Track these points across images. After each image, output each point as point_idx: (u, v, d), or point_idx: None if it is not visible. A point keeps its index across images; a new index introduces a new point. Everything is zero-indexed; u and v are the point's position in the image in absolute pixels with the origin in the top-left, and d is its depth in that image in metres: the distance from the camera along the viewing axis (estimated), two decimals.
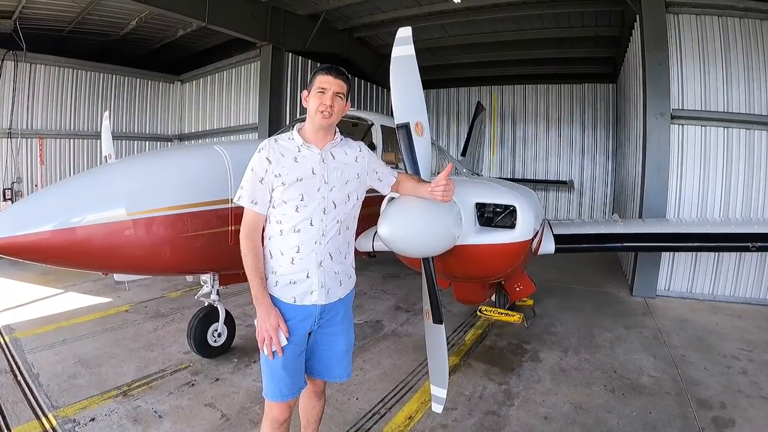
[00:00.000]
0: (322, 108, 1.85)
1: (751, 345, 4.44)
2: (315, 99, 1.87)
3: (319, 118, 1.86)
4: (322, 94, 1.86)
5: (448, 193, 2.05)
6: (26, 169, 8.90)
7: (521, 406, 3.21)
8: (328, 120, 1.87)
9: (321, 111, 1.85)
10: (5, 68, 8.48)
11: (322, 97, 1.85)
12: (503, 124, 12.61)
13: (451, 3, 8.01)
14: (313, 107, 1.87)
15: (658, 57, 5.87)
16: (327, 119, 1.87)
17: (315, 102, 1.86)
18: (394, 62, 2.43)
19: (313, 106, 1.87)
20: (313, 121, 1.89)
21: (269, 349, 1.82)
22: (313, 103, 1.87)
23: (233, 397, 3.23)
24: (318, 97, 1.86)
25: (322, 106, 1.85)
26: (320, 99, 1.86)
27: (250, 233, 1.85)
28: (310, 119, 1.91)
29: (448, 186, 2.04)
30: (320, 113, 1.85)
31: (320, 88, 1.86)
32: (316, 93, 1.87)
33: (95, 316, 4.82)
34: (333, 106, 1.86)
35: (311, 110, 1.88)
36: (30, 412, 2.95)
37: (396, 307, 5.44)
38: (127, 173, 3.11)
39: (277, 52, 8.85)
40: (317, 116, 1.86)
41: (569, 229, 4.26)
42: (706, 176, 5.93)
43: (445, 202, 2.13)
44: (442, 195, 2.04)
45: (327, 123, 1.88)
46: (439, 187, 2.03)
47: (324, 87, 1.86)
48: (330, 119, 1.87)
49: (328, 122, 1.88)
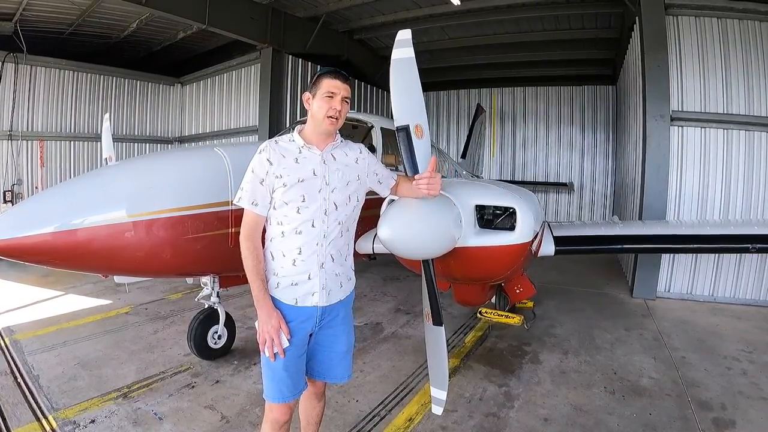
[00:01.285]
0: (332, 113, 1.84)
1: (751, 346, 4.44)
2: (323, 103, 1.85)
3: (328, 123, 1.86)
4: (331, 98, 1.85)
5: (434, 187, 2.01)
6: (26, 172, 8.92)
7: (521, 408, 3.20)
8: (336, 125, 1.88)
9: (330, 116, 1.84)
10: (6, 70, 8.50)
11: (331, 101, 1.84)
12: (503, 126, 12.64)
13: (451, 5, 8.02)
14: (322, 112, 1.85)
15: (658, 59, 5.88)
16: (335, 124, 1.87)
17: (323, 106, 1.85)
18: (394, 64, 2.43)
19: (321, 110, 1.85)
20: (319, 124, 1.88)
21: (270, 350, 1.82)
22: (321, 108, 1.85)
23: (233, 399, 3.23)
24: (327, 102, 1.85)
25: (332, 110, 1.84)
26: (329, 104, 1.84)
27: (250, 235, 1.85)
28: (315, 122, 1.90)
29: (432, 180, 2.00)
30: (329, 118, 1.85)
31: (329, 93, 1.85)
32: (324, 97, 1.85)
33: (96, 318, 4.83)
34: (342, 110, 1.86)
35: (318, 114, 1.86)
36: (30, 414, 2.94)
37: (396, 309, 5.44)
38: (128, 175, 3.12)
39: (277, 54, 8.87)
40: (326, 121, 1.85)
41: (569, 231, 4.25)
42: (706, 178, 5.95)
43: (432, 195, 2.08)
44: (427, 188, 2.01)
45: (335, 128, 1.89)
46: (422, 180, 2.01)
47: (333, 92, 1.85)
48: (337, 124, 1.88)
49: (336, 127, 1.89)
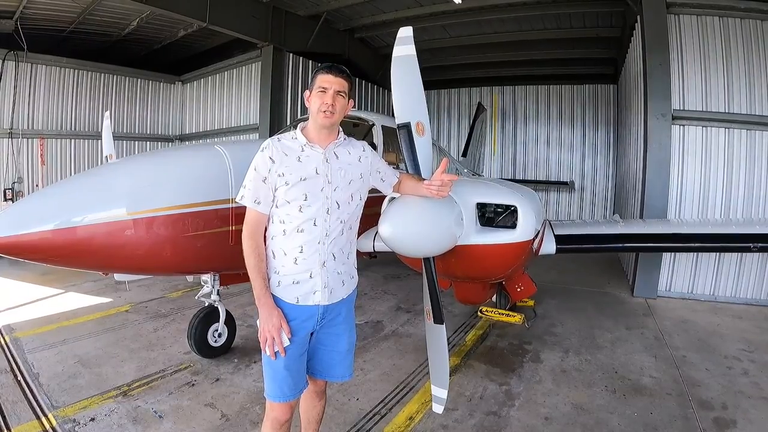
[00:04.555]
0: (324, 107, 1.84)
1: (752, 346, 4.44)
2: (316, 98, 1.86)
3: (321, 118, 1.86)
4: (323, 93, 1.85)
5: (444, 190, 2.03)
6: (27, 169, 8.91)
7: (522, 407, 3.20)
8: (331, 119, 1.87)
9: (323, 111, 1.85)
10: (6, 68, 8.48)
11: (324, 96, 1.85)
12: (504, 124, 12.62)
13: (452, 3, 8.01)
14: (315, 107, 1.86)
15: (659, 58, 5.87)
16: (329, 118, 1.86)
17: (317, 101, 1.86)
18: (395, 62, 2.42)
19: (315, 105, 1.86)
20: (315, 120, 1.89)
21: (271, 349, 1.81)
22: (315, 103, 1.86)
23: (233, 398, 3.23)
24: (319, 97, 1.85)
25: (323, 105, 1.84)
26: (321, 98, 1.85)
27: (252, 233, 1.84)
28: (312, 119, 1.90)
29: (444, 184, 2.02)
30: (322, 113, 1.85)
31: (321, 88, 1.85)
32: (318, 92, 1.86)
33: (96, 316, 4.82)
34: (335, 105, 1.85)
35: (313, 110, 1.87)
36: (30, 412, 2.94)
37: (397, 307, 5.44)
38: (128, 173, 3.12)
39: (278, 52, 8.85)
40: (319, 116, 1.86)
41: (570, 230, 4.26)
42: (707, 177, 5.94)
43: (440, 197, 2.11)
44: (438, 191, 2.03)
45: (330, 122, 1.88)
46: (434, 183, 2.02)
47: (325, 86, 1.85)
48: (332, 118, 1.87)
49: (331, 121, 1.88)
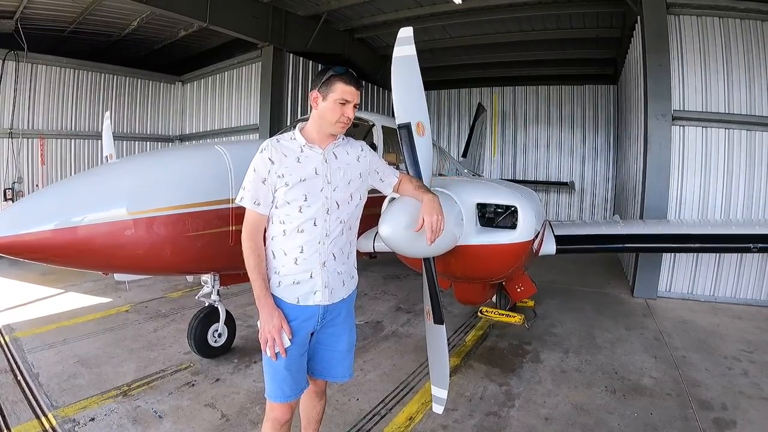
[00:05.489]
0: (344, 120, 1.87)
1: (752, 346, 4.44)
2: (336, 108, 1.85)
3: (339, 128, 1.89)
4: (344, 105, 1.86)
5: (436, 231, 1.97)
6: (27, 169, 8.90)
7: (522, 407, 3.20)
8: (345, 129, 1.93)
9: (342, 122, 1.88)
10: (6, 68, 8.48)
11: (344, 108, 1.86)
12: (504, 125, 12.62)
13: (453, 4, 8.01)
14: (334, 117, 1.86)
15: (659, 58, 5.87)
16: (345, 129, 1.92)
17: (336, 112, 1.85)
18: (396, 62, 2.42)
19: (333, 115, 1.86)
20: (327, 127, 1.89)
21: (272, 350, 1.81)
22: (333, 112, 1.85)
23: (233, 398, 3.23)
24: (339, 108, 1.85)
25: (344, 118, 1.87)
26: (342, 110, 1.86)
27: (252, 234, 1.84)
28: (322, 124, 1.89)
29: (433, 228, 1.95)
30: (341, 124, 1.88)
31: (343, 99, 1.85)
32: (338, 103, 1.85)
33: (96, 316, 4.82)
34: (352, 117, 1.90)
35: (329, 118, 1.86)
36: (30, 412, 2.94)
37: (397, 307, 5.44)
38: (128, 173, 3.12)
39: (278, 52, 8.85)
40: (337, 126, 1.88)
41: (570, 230, 4.25)
42: (707, 177, 5.94)
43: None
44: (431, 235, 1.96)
45: (343, 132, 1.95)
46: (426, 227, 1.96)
47: (348, 99, 1.86)
48: (346, 128, 1.93)
49: (344, 131, 1.94)
